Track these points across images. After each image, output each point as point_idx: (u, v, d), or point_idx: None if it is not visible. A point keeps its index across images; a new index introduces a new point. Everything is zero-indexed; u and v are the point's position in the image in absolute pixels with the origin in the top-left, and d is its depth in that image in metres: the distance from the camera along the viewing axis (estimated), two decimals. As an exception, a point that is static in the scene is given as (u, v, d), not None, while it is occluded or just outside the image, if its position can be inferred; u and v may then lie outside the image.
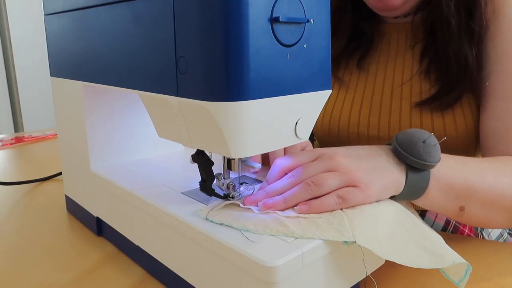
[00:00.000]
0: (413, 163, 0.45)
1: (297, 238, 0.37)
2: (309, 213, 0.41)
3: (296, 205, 0.42)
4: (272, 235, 0.38)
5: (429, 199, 0.47)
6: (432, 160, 0.45)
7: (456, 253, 0.41)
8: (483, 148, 0.64)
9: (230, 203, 0.44)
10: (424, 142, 0.45)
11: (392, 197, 0.46)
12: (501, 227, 0.55)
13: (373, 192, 0.43)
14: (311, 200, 0.42)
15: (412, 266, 0.39)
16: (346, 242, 0.38)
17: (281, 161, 0.46)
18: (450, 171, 0.48)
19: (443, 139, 0.47)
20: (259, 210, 0.42)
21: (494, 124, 0.61)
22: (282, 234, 0.38)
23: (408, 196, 0.46)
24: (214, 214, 0.41)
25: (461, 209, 0.49)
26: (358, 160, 0.45)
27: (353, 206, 0.42)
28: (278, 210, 0.42)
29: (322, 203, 0.41)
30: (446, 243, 0.42)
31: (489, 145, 0.62)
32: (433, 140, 0.45)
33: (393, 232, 0.41)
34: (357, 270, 0.43)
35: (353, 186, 0.43)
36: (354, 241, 0.37)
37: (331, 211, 0.41)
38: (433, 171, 0.47)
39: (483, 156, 0.64)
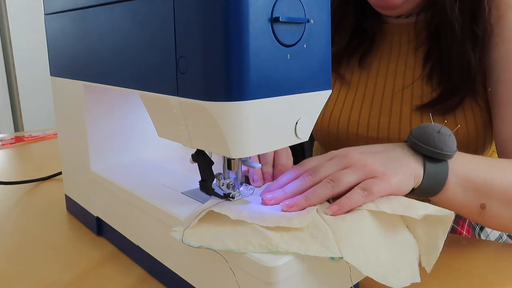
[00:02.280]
0: (429, 152, 0.45)
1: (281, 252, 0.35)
2: (340, 213, 0.40)
3: (316, 204, 0.42)
4: (255, 252, 0.35)
5: (449, 195, 0.47)
6: (449, 149, 0.45)
7: (411, 274, 0.40)
8: (501, 155, 0.63)
9: (206, 212, 0.40)
10: (438, 132, 0.45)
11: (411, 191, 0.45)
12: None
13: (394, 180, 0.43)
14: (338, 199, 0.41)
15: (384, 283, 0.37)
16: (332, 258, 0.36)
17: (297, 166, 0.47)
18: (469, 165, 0.48)
19: (457, 127, 0.47)
20: (281, 210, 0.41)
21: (510, 131, 0.60)
22: (266, 250, 0.35)
23: (428, 189, 0.46)
24: (190, 234, 0.38)
25: (482, 207, 0.48)
26: (372, 154, 0.45)
27: (337, 215, 0.40)
28: (300, 209, 0.41)
29: (350, 200, 0.41)
30: (445, 242, 0.41)
31: (506, 152, 0.61)
32: (447, 130, 0.46)
33: (374, 243, 0.40)
34: (357, 270, 0.43)
35: (372, 178, 0.43)
36: (341, 256, 0.36)
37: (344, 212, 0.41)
38: (451, 165, 0.46)
39: None
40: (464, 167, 0.47)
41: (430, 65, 0.68)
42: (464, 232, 0.74)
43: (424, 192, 0.46)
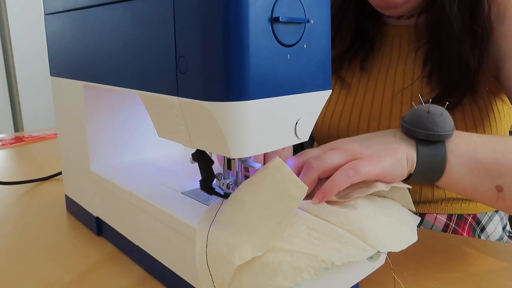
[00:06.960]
0: (420, 134, 0.44)
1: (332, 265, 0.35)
2: (327, 198, 0.40)
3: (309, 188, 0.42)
4: (311, 278, 0.34)
5: (453, 178, 0.44)
6: (440, 129, 0.43)
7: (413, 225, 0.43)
8: None
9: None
10: (428, 112, 0.44)
11: (408, 177, 0.45)
12: None
13: (381, 163, 0.42)
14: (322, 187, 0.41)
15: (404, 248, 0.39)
16: (371, 257, 0.37)
17: (291, 160, 0.46)
18: (472, 145, 0.45)
19: (446, 104, 0.46)
20: (317, 203, 0.41)
21: None
22: (323, 271, 0.35)
23: (426, 173, 0.44)
24: None
25: (499, 188, 0.45)
26: (359, 140, 0.45)
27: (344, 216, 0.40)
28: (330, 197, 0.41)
29: (333, 182, 0.40)
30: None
31: None
32: (438, 109, 0.44)
33: (381, 221, 0.41)
34: (357, 270, 0.43)
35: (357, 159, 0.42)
36: (377, 251, 0.36)
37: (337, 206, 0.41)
38: (450, 145, 0.44)
39: None
40: (466, 147, 0.44)
41: (430, 65, 0.67)
42: (465, 234, 0.74)
43: (423, 176, 0.44)
